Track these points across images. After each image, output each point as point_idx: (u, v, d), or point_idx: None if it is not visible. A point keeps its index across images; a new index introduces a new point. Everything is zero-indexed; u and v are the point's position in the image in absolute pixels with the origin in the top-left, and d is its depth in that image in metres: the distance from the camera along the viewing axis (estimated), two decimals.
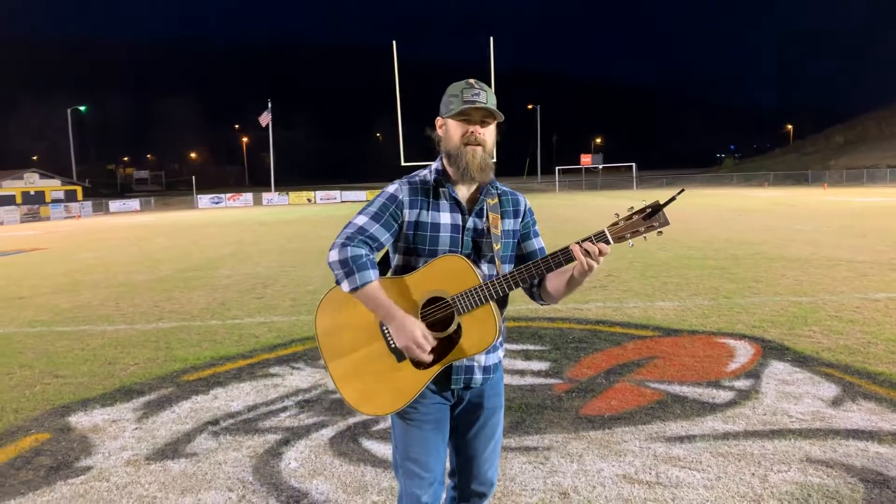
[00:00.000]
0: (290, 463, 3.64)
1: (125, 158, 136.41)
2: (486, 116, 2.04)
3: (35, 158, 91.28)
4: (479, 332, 1.96)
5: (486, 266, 2.09)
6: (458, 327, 1.97)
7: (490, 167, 2.07)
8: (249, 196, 57.61)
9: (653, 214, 1.88)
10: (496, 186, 2.16)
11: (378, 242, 2.02)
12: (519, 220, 2.17)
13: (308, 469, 3.55)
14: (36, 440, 4.09)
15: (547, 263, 1.94)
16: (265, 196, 57.21)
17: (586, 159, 70.41)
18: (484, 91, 2.01)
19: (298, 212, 39.80)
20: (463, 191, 2.11)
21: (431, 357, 1.95)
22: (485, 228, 2.09)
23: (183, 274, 11.69)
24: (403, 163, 44.82)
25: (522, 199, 2.22)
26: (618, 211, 1.95)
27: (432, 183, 2.10)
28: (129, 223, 33.29)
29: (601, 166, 72.63)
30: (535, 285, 2.14)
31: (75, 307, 8.66)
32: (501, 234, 2.10)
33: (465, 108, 2.00)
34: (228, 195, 58.00)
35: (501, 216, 2.13)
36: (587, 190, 63.38)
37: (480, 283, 1.95)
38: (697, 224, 18.27)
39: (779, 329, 6.14)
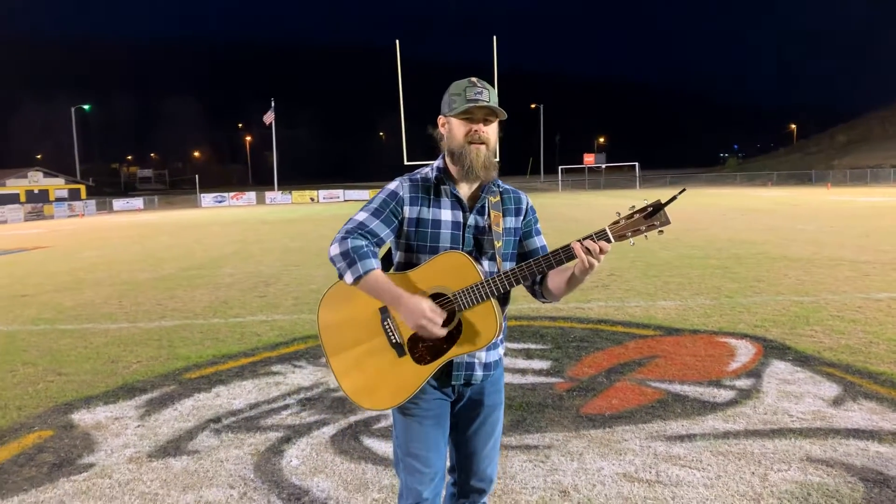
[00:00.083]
0: (292, 460, 3.65)
1: (129, 157, 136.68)
2: (489, 115, 2.05)
3: (39, 157, 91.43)
4: (480, 329, 1.97)
5: (488, 263, 2.10)
6: (459, 323, 1.98)
7: (494, 165, 2.08)
8: (252, 195, 57.71)
9: (654, 213, 1.89)
10: (498, 184, 2.16)
11: (378, 238, 2.03)
12: (521, 219, 2.18)
13: (309, 467, 3.57)
14: (39, 437, 4.11)
15: (548, 261, 1.95)
16: (268, 195, 57.29)
17: (589, 159, 70.47)
18: (486, 90, 2.02)
19: (301, 211, 39.86)
20: (464, 188, 2.12)
21: (445, 331, 1.95)
22: (486, 226, 2.10)
23: (186, 272, 11.72)
24: (406, 162, 44.81)
25: (524, 198, 2.22)
26: (619, 210, 1.96)
27: (433, 180, 2.11)
28: (133, 222, 33.36)
29: (604, 166, 72.66)
30: (537, 283, 2.14)
31: (78, 305, 8.69)
32: (503, 232, 2.11)
33: (469, 107, 2.00)
34: (231, 194, 58.12)
35: (503, 214, 2.13)
36: (590, 189, 63.35)
37: (482, 280, 1.95)
38: (700, 223, 18.25)
39: (780, 329, 6.14)
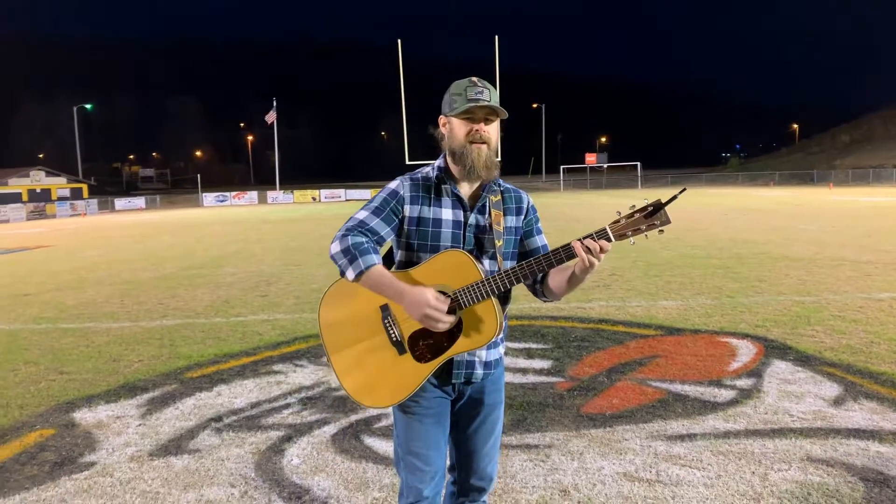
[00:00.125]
0: (293, 459, 3.66)
1: (131, 157, 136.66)
2: (490, 114, 2.05)
3: (41, 156, 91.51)
4: (481, 327, 1.98)
5: (488, 262, 2.10)
6: (460, 321, 1.98)
7: (496, 165, 2.08)
8: (254, 194, 57.72)
9: (654, 213, 1.89)
10: (499, 183, 2.17)
11: (378, 236, 2.03)
12: (521, 218, 2.19)
13: (310, 465, 3.57)
14: (41, 436, 4.12)
15: (549, 259, 1.95)
16: (270, 194, 57.27)
17: (591, 158, 70.40)
18: (487, 89, 2.02)
19: (303, 210, 39.89)
20: (465, 188, 2.12)
21: (452, 318, 1.95)
22: (487, 225, 2.11)
23: (187, 272, 11.74)
24: (408, 161, 44.81)
25: (525, 197, 2.23)
26: (620, 209, 1.96)
27: (434, 180, 2.11)
28: (135, 221, 33.40)
29: (606, 165, 72.59)
30: (538, 282, 2.14)
31: (80, 304, 8.70)
32: (503, 231, 2.11)
33: (470, 106, 2.01)
34: (233, 193, 58.10)
35: (504, 213, 2.14)
36: (592, 189, 63.31)
37: (482, 279, 1.96)
38: (701, 223, 18.24)
39: (781, 328, 6.13)
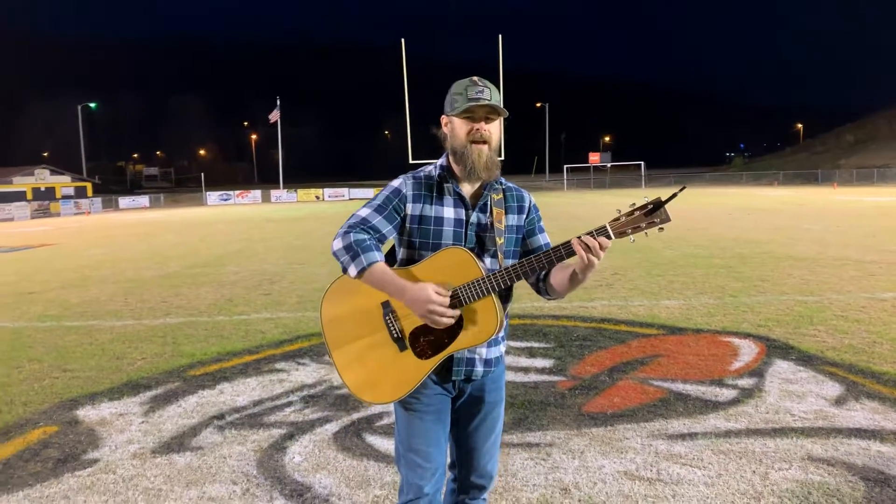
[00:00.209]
0: (294, 457, 3.68)
1: (135, 155, 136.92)
2: (491, 113, 2.06)
3: (45, 155, 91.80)
4: (481, 324, 1.99)
5: (490, 260, 2.11)
6: (461, 318, 2.00)
7: (496, 165, 2.09)
8: (258, 193, 57.79)
9: (654, 210, 1.90)
10: (501, 182, 2.18)
11: (380, 234, 2.04)
12: (523, 217, 2.20)
13: (312, 463, 3.59)
14: (44, 433, 4.15)
15: (549, 257, 1.96)
16: (273, 193, 57.31)
17: (594, 158, 70.28)
18: (488, 88, 2.03)
19: (306, 209, 39.92)
20: (467, 186, 2.13)
21: (456, 312, 1.96)
22: (488, 223, 2.12)
23: (191, 270, 11.77)
24: (411, 160, 44.82)
25: (527, 196, 2.23)
26: (621, 208, 1.97)
27: (437, 178, 2.12)
28: (139, 220, 33.48)
29: (609, 165, 72.46)
30: (541, 280, 2.15)
31: (84, 302, 8.74)
32: (505, 229, 2.12)
33: (470, 106, 2.02)
34: (237, 192, 58.18)
35: (505, 211, 2.15)
36: (596, 188, 63.23)
37: (483, 276, 1.96)
38: (704, 223, 18.21)
39: (784, 328, 6.13)
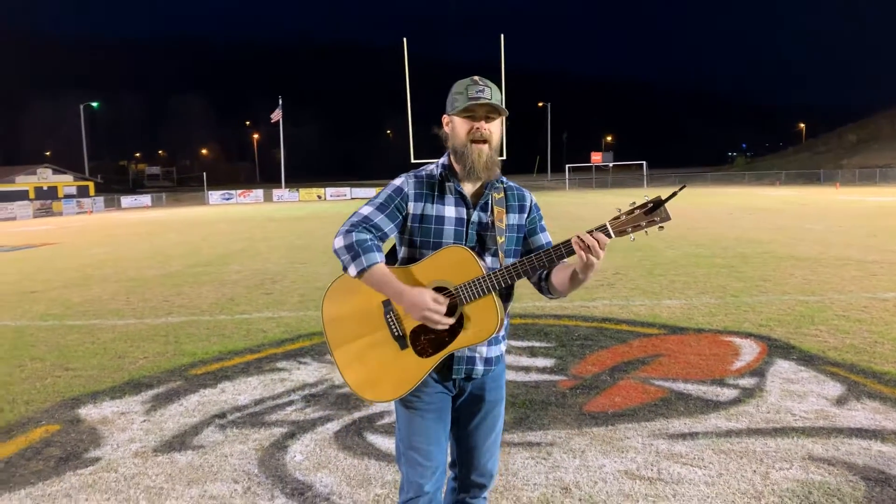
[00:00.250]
0: (296, 456, 3.68)
1: (137, 154, 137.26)
2: (491, 112, 2.06)
3: (48, 154, 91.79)
4: (481, 322, 1.99)
5: (490, 259, 2.12)
6: (461, 317, 2.00)
7: (496, 164, 2.10)
8: (260, 192, 57.80)
9: (654, 209, 1.90)
10: (502, 181, 2.18)
11: (382, 232, 2.05)
12: (525, 216, 2.20)
13: (313, 462, 3.59)
14: (46, 431, 4.16)
15: (549, 255, 1.96)
16: (276, 192, 57.33)
17: (596, 157, 70.28)
18: (488, 87, 2.04)
19: (308, 208, 39.94)
20: (468, 185, 2.14)
21: (451, 320, 1.97)
22: (489, 222, 2.12)
23: (193, 269, 11.79)
24: (413, 160, 44.82)
25: (528, 195, 2.24)
26: (621, 207, 1.97)
27: (438, 177, 2.13)
28: (141, 219, 33.52)
29: (611, 164, 72.44)
30: (543, 279, 2.15)
31: (86, 301, 8.75)
32: (506, 228, 2.13)
33: (470, 105, 2.02)
34: (239, 191, 58.19)
35: (506, 210, 2.15)
36: (598, 188, 63.21)
37: (483, 275, 1.97)
38: (706, 222, 18.20)
39: (785, 328, 6.13)
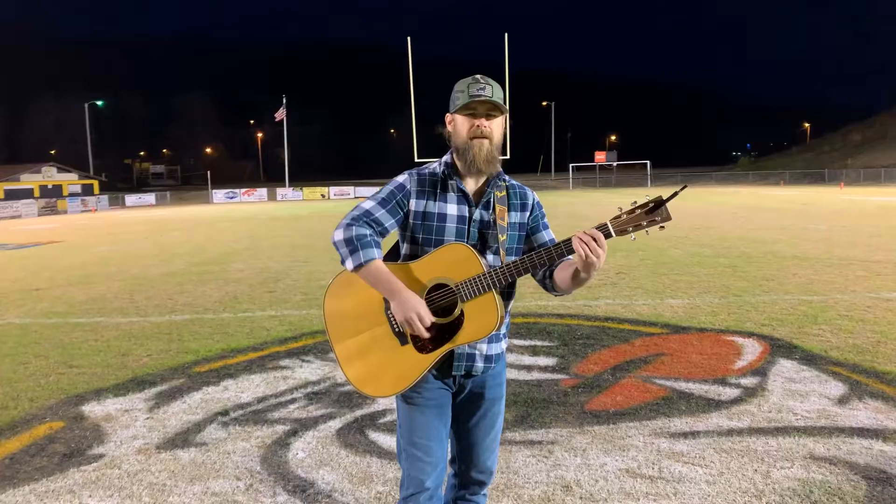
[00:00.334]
0: (298, 453, 3.70)
1: (141, 153, 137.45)
2: (492, 110, 2.08)
3: (53, 152, 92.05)
4: (481, 319, 2.00)
5: (492, 257, 2.13)
6: (461, 314, 2.01)
7: (496, 159, 2.11)
8: (264, 191, 57.83)
9: (655, 209, 1.91)
10: (504, 179, 2.19)
11: (382, 227, 2.06)
12: (527, 214, 2.21)
13: (315, 459, 3.61)
14: (50, 428, 4.18)
15: (549, 253, 1.98)
16: (279, 191, 57.36)
17: (600, 156, 70.17)
18: (489, 85, 2.05)
19: (312, 207, 39.96)
20: (471, 183, 2.15)
21: (429, 334, 1.99)
22: (491, 220, 2.13)
23: (196, 268, 11.82)
24: (417, 159, 44.85)
25: (530, 193, 2.25)
26: (623, 206, 1.98)
27: (441, 175, 2.14)
28: (145, 217, 33.60)
29: (615, 164, 72.33)
30: (547, 277, 2.16)
31: (90, 299, 8.78)
32: (507, 227, 2.14)
33: (470, 102, 2.04)
34: (243, 190, 58.24)
35: (508, 208, 2.16)
36: (601, 187, 63.13)
37: (484, 272, 1.98)
38: (710, 222, 18.18)
39: (788, 327, 6.12)
